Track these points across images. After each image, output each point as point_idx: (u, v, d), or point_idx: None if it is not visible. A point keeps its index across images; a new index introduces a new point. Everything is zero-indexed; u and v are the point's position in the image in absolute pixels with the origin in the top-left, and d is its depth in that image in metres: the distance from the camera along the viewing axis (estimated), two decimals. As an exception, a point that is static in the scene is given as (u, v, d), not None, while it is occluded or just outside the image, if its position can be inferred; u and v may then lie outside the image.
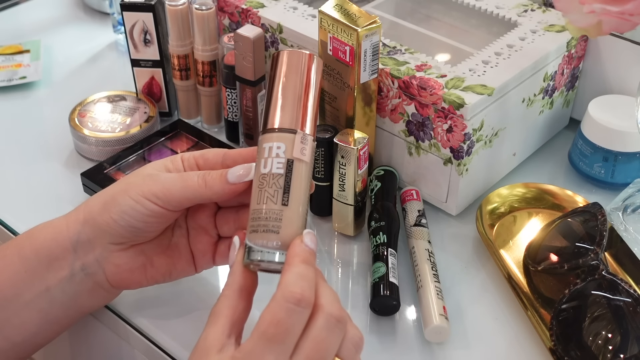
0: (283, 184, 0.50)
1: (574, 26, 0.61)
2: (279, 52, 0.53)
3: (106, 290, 0.57)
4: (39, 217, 0.59)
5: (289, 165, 0.50)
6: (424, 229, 0.66)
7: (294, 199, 0.50)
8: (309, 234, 0.50)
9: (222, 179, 0.53)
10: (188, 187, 0.53)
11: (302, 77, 0.52)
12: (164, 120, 0.82)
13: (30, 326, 0.56)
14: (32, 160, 0.78)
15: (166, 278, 0.58)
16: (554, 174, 0.76)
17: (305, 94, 0.52)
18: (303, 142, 0.51)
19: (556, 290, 0.60)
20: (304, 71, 0.53)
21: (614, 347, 0.55)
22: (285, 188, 0.50)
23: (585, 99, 0.76)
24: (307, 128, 0.52)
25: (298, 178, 0.50)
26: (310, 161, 0.51)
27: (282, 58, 0.53)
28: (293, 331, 0.46)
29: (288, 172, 0.50)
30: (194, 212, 0.57)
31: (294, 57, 0.53)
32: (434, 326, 0.58)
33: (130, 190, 0.53)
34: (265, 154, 0.51)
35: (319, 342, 0.46)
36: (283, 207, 0.49)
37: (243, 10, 0.76)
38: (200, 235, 0.58)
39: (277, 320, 0.45)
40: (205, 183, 0.53)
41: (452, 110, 0.64)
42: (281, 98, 0.52)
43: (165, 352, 0.60)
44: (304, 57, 0.53)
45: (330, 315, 0.47)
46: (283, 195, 0.50)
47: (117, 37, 0.97)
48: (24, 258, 0.55)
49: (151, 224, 0.54)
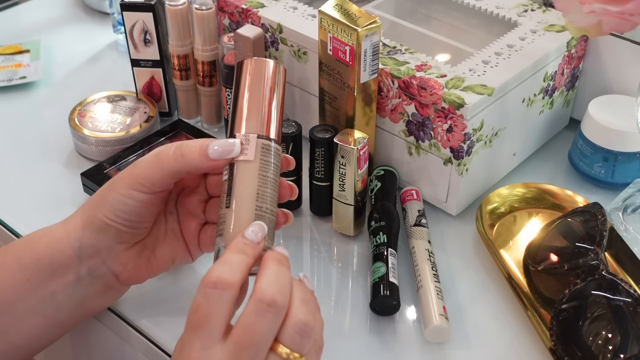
0: (227, 188, 0.52)
1: (574, 26, 0.61)
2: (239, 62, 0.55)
3: (116, 289, 0.57)
4: (39, 217, 0.59)
5: (231, 169, 0.52)
6: (424, 229, 0.66)
7: (238, 199, 0.51)
8: (254, 225, 0.50)
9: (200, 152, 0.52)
10: (164, 163, 0.53)
11: (255, 83, 0.54)
12: (164, 120, 0.82)
13: (35, 330, 0.56)
14: (32, 160, 0.78)
15: (170, 266, 0.58)
16: (554, 174, 0.76)
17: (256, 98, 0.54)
18: (244, 143, 0.52)
19: (556, 290, 0.60)
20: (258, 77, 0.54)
21: (614, 347, 0.55)
22: (229, 191, 0.52)
23: (585, 99, 0.76)
24: (255, 129, 0.53)
25: (241, 178, 0.52)
26: (259, 159, 0.52)
27: (241, 67, 0.55)
28: (213, 314, 0.45)
29: (231, 176, 0.52)
30: (184, 197, 0.58)
31: (249, 65, 0.55)
32: (434, 326, 0.58)
33: (116, 185, 0.54)
34: None
35: (246, 326, 0.45)
36: (226, 209, 0.51)
37: (243, 10, 0.76)
38: (188, 220, 0.58)
39: (196, 305, 0.46)
40: (182, 154, 0.53)
41: (452, 110, 0.64)
42: (233, 109, 0.54)
43: (165, 353, 0.60)
44: (260, 64, 0.55)
45: (260, 300, 0.45)
46: (227, 198, 0.51)
47: (117, 37, 0.97)
48: (24, 267, 0.55)
49: (143, 214, 0.55)
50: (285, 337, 0.46)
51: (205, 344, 0.45)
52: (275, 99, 0.55)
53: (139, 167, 0.54)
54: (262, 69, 0.55)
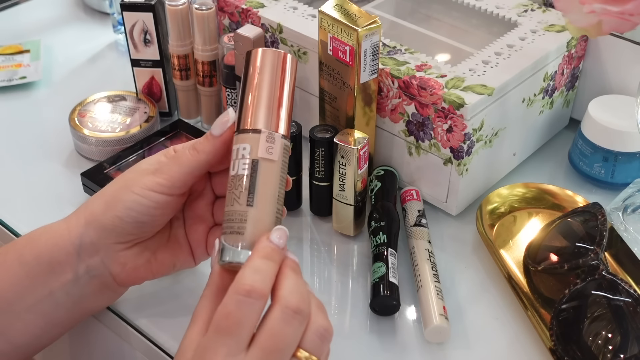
0: (248, 185, 0.50)
1: (574, 26, 0.61)
2: (251, 50, 0.54)
3: (113, 289, 0.57)
4: (39, 217, 0.59)
5: (254, 166, 0.50)
6: (424, 229, 0.66)
7: (261, 199, 0.50)
8: (278, 230, 0.50)
9: (208, 138, 0.54)
10: (183, 162, 0.54)
11: (272, 76, 0.53)
12: (164, 120, 0.82)
13: (34, 329, 0.56)
14: (32, 160, 0.78)
15: (170, 270, 0.58)
16: (554, 174, 0.76)
17: (282, 93, 0.52)
18: (269, 141, 0.51)
19: (556, 290, 0.60)
20: (274, 70, 0.53)
21: (614, 347, 0.55)
22: (250, 189, 0.50)
23: (585, 99, 0.76)
24: (276, 127, 0.52)
25: (265, 177, 0.50)
26: (281, 159, 0.51)
27: (255, 56, 0.53)
28: (244, 323, 0.46)
29: (253, 173, 0.50)
30: (192, 201, 0.58)
31: (267, 55, 0.53)
32: (434, 326, 0.58)
33: (132, 185, 0.54)
34: (234, 156, 0.51)
35: (274, 333, 0.46)
36: (248, 207, 0.50)
37: (243, 10, 0.76)
38: (196, 224, 0.58)
39: (227, 312, 0.46)
40: (196, 150, 0.54)
41: (452, 110, 0.64)
42: (250, 99, 0.52)
43: (165, 353, 0.60)
44: (278, 55, 0.53)
45: (287, 307, 0.46)
46: (248, 196, 0.50)
47: (117, 37, 0.97)
48: (24, 264, 0.55)
49: (156, 217, 0.54)
50: (308, 342, 0.47)
51: (233, 351, 0.45)
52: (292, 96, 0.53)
53: (159, 170, 0.54)
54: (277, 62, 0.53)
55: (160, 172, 0.54)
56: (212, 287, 0.50)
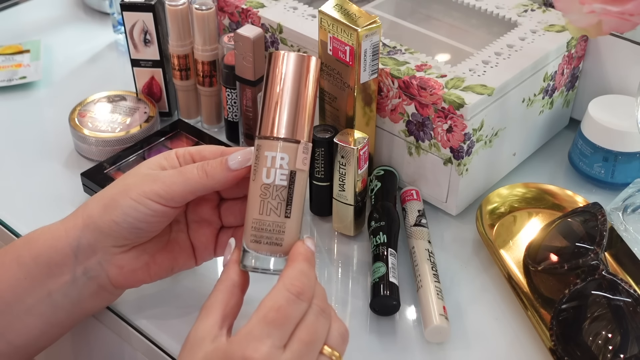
0: (286, 197, 0.50)
1: (574, 26, 0.61)
2: (277, 52, 0.53)
3: (109, 291, 0.57)
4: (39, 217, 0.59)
5: (292, 177, 0.50)
6: (424, 229, 0.66)
7: (296, 210, 0.51)
8: (309, 238, 0.52)
9: (222, 167, 0.54)
10: (189, 180, 0.53)
11: (304, 83, 0.52)
12: (164, 120, 0.82)
13: (33, 330, 0.56)
14: (32, 160, 0.78)
15: (168, 273, 0.58)
16: (554, 174, 0.76)
17: (308, 101, 0.52)
18: (305, 152, 0.51)
19: (556, 290, 0.60)
20: (305, 77, 0.52)
21: (614, 347, 0.55)
22: (289, 200, 0.50)
23: (585, 99, 0.76)
24: (309, 137, 0.52)
25: (299, 188, 0.51)
26: (307, 168, 0.52)
27: (283, 60, 0.52)
28: (291, 319, 0.48)
29: (291, 184, 0.50)
30: (195, 205, 0.58)
31: (296, 61, 0.52)
32: (434, 326, 0.58)
33: (130, 190, 0.53)
34: (268, 163, 0.51)
35: (309, 327, 0.48)
36: (286, 219, 0.50)
37: (243, 10, 0.76)
38: (202, 227, 0.58)
39: (278, 305, 0.47)
40: (205, 173, 0.53)
41: (452, 110, 0.64)
42: (286, 105, 0.51)
43: (165, 353, 0.60)
44: (305, 61, 0.52)
45: (317, 305, 0.49)
46: (286, 207, 0.50)
47: (117, 37, 0.97)
48: (22, 265, 0.55)
49: (153, 224, 0.54)
50: (332, 339, 0.50)
51: (277, 343, 0.47)
52: None
53: (161, 180, 0.53)
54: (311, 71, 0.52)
55: (162, 183, 0.53)
56: (226, 282, 0.51)
